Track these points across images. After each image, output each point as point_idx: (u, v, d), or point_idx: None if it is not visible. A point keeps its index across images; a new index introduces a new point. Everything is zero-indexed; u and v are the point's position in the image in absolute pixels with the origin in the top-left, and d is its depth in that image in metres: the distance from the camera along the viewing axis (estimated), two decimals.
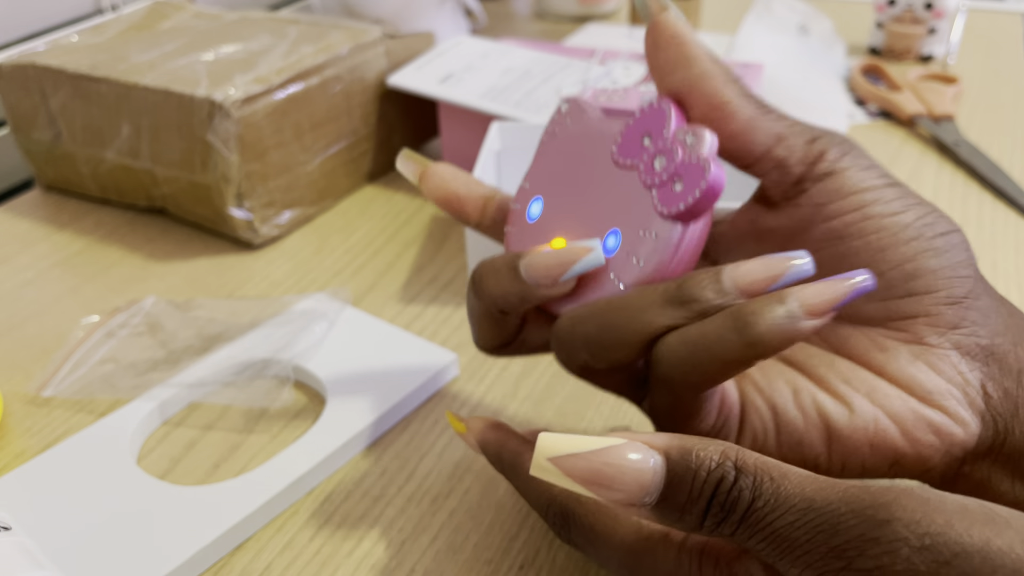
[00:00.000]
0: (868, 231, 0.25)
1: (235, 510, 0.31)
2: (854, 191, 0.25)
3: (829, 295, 0.22)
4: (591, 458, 0.20)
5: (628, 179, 0.25)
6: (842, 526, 0.18)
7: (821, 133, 0.26)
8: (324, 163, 0.52)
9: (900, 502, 0.18)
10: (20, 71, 0.51)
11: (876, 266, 0.25)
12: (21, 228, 0.52)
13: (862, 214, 0.25)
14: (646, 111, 0.25)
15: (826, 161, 0.26)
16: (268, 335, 0.39)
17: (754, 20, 0.71)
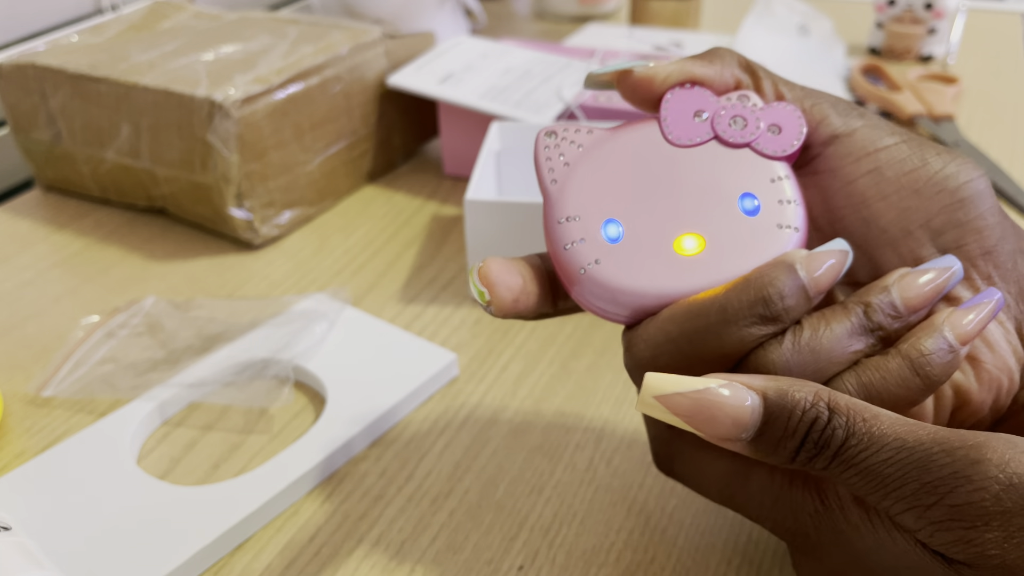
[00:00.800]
0: (889, 192, 0.25)
1: (235, 510, 0.31)
2: (868, 151, 0.25)
3: (979, 323, 0.23)
4: (694, 396, 0.21)
5: (706, 153, 0.25)
6: (934, 464, 0.20)
7: (817, 97, 0.26)
8: (324, 163, 0.52)
9: (990, 444, 0.19)
10: (20, 71, 0.51)
11: (902, 225, 0.25)
12: (21, 228, 0.52)
13: (879, 175, 0.25)
14: (677, 97, 0.25)
15: (829, 124, 0.25)
16: (268, 335, 0.39)
17: (754, 20, 0.71)
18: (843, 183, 0.25)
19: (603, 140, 0.26)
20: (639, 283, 0.24)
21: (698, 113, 0.25)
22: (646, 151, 0.26)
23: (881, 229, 0.25)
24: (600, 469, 0.33)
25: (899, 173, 0.25)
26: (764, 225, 0.24)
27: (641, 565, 0.29)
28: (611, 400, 0.37)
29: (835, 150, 0.25)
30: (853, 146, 0.25)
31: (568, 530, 0.31)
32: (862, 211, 0.25)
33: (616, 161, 0.26)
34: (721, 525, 0.31)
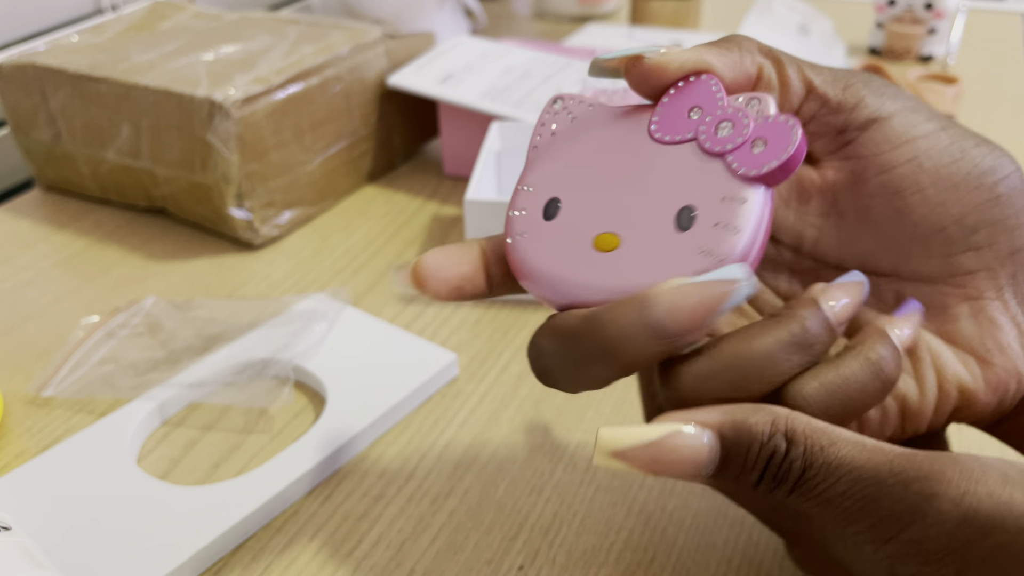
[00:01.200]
0: (924, 184, 0.24)
1: (235, 510, 0.31)
2: (905, 140, 0.24)
3: (913, 327, 0.23)
4: (650, 448, 0.21)
5: (679, 153, 0.23)
6: (889, 498, 0.19)
7: (851, 78, 0.24)
8: (324, 163, 0.52)
9: (946, 475, 0.19)
10: (20, 71, 0.51)
11: (936, 220, 0.24)
12: (21, 228, 0.52)
13: (917, 165, 0.24)
14: (682, 88, 0.24)
15: (866, 107, 0.24)
16: (268, 335, 0.39)
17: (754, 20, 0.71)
18: (878, 171, 0.24)
19: (595, 117, 0.25)
20: (543, 265, 0.23)
21: (694, 109, 0.23)
22: (626, 138, 0.24)
23: (913, 223, 0.24)
24: (600, 469, 0.33)
25: (938, 164, 0.24)
26: (686, 245, 0.22)
27: (641, 565, 0.29)
28: (611, 400, 0.37)
29: (871, 136, 0.24)
30: (891, 132, 0.24)
31: (568, 530, 0.31)
32: (895, 202, 0.24)
33: (595, 142, 0.25)
34: (721, 525, 0.31)
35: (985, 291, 0.24)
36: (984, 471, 0.19)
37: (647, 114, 0.24)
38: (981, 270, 0.24)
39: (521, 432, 0.35)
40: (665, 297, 0.20)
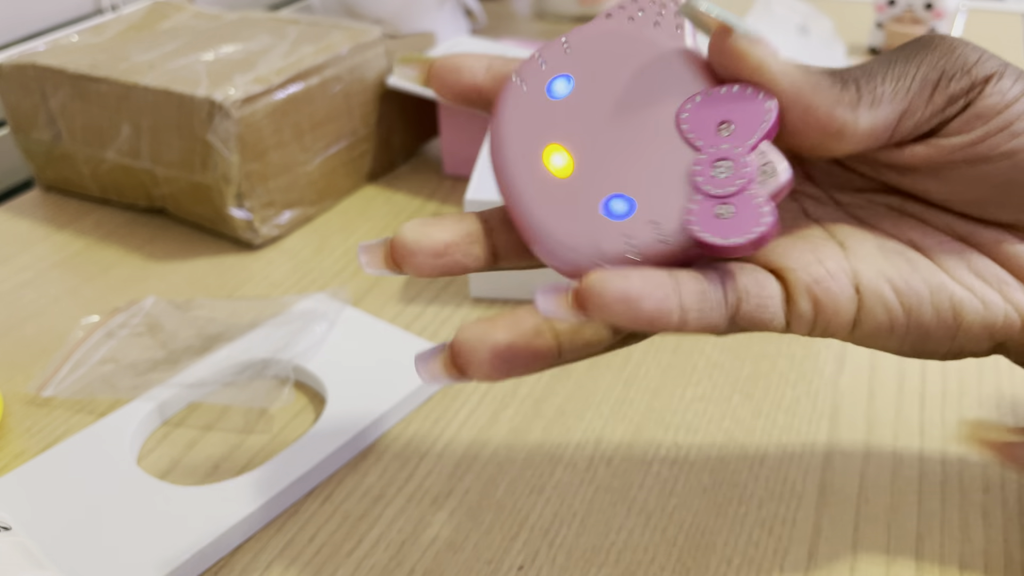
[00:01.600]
0: (1016, 148, 0.23)
1: (235, 510, 0.31)
2: (997, 110, 0.23)
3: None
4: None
5: (679, 152, 0.21)
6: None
7: (933, 78, 0.23)
8: (324, 163, 0.52)
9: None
10: (20, 71, 0.51)
11: (1020, 179, 0.23)
12: (21, 228, 0.52)
13: (1010, 132, 0.23)
14: (740, 95, 0.21)
15: (956, 103, 0.23)
16: (268, 335, 0.39)
17: (754, 20, 0.71)
18: (967, 145, 0.23)
19: (666, 43, 0.22)
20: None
21: (725, 125, 0.21)
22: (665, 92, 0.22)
23: (995, 185, 0.23)
24: (600, 469, 0.33)
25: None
26: (623, 226, 0.21)
27: (641, 565, 0.29)
28: (611, 400, 0.37)
29: (967, 120, 0.23)
30: (983, 109, 0.23)
31: (568, 530, 0.31)
32: (981, 167, 0.23)
33: (642, 66, 0.22)
34: (721, 525, 0.31)
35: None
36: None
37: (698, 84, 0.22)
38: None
39: (521, 432, 0.35)
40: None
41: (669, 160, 0.22)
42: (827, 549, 0.30)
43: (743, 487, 0.32)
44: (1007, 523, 0.30)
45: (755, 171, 0.20)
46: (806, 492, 0.32)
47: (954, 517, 0.31)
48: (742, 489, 0.32)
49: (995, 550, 0.29)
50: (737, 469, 0.33)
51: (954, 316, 0.24)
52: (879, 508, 0.31)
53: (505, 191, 0.23)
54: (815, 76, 0.22)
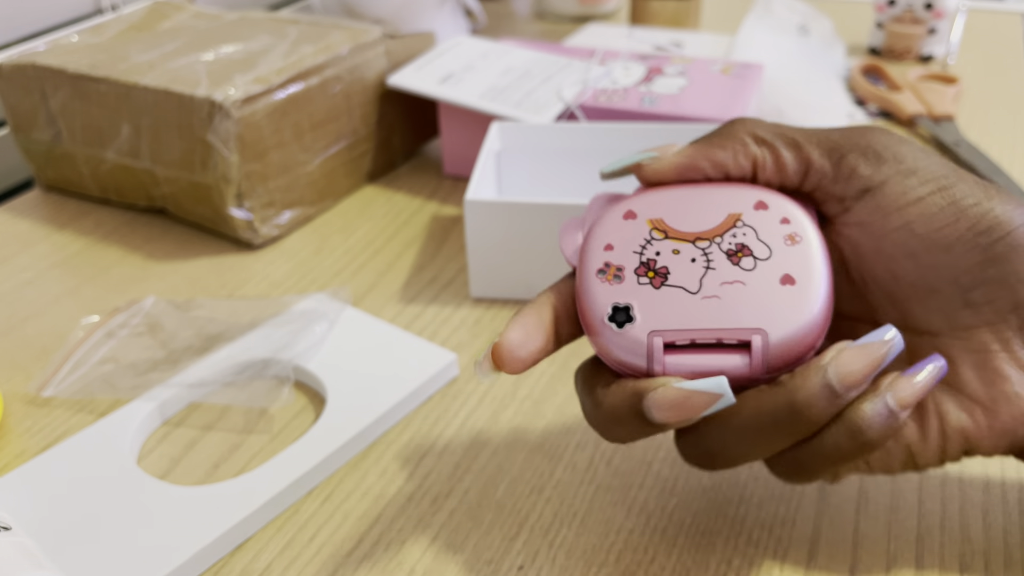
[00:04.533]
0: (916, 249, 0.24)
1: (235, 510, 0.31)
2: (899, 206, 0.24)
3: (921, 389, 0.23)
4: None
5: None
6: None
7: (846, 148, 0.25)
8: (324, 163, 0.52)
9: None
10: (20, 71, 0.51)
11: (930, 282, 0.24)
12: (21, 228, 0.52)
13: (908, 232, 0.24)
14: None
15: (859, 178, 0.25)
16: (268, 335, 0.39)
17: (754, 20, 0.71)
18: (872, 238, 0.25)
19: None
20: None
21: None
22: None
23: (909, 284, 0.25)
24: (600, 469, 0.33)
25: (929, 230, 0.24)
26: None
27: (641, 565, 0.29)
28: None
29: (864, 205, 0.25)
30: (883, 200, 0.25)
31: (568, 530, 0.31)
32: (890, 266, 0.25)
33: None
34: (721, 525, 0.31)
35: (989, 344, 0.25)
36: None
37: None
38: (982, 325, 0.25)
39: (521, 432, 0.35)
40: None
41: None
42: (827, 549, 0.30)
43: (743, 487, 0.32)
44: (1007, 523, 0.30)
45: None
46: (806, 492, 0.32)
47: (954, 517, 0.31)
48: (742, 489, 0.32)
49: (995, 550, 0.29)
50: (737, 469, 0.33)
51: (902, 448, 0.26)
52: (879, 508, 0.31)
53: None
54: (714, 137, 0.26)
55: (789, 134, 0.26)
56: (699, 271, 0.25)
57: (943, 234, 0.24)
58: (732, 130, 0.26)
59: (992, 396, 0.25)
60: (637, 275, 0.25)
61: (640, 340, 0.24)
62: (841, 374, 0.23)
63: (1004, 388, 0.24)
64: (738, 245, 0.25)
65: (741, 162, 0.26)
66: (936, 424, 0.25)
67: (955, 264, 0.24)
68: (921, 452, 0.25)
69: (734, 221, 0.25)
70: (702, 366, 0.24)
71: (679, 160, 0.26)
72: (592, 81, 0.55)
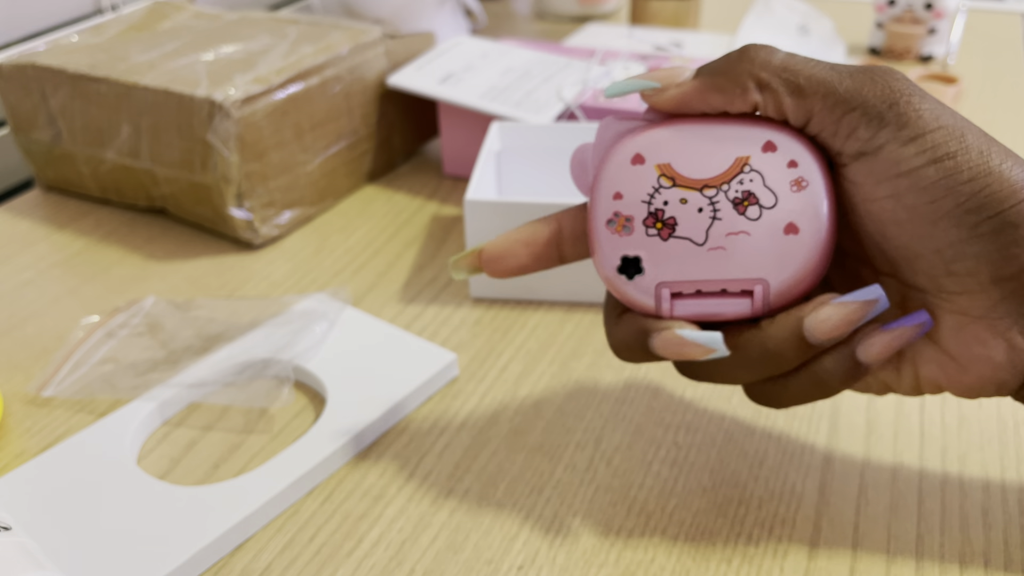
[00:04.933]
0: (902, 219, 0.24)
1: (235, 510, 0.31)
2: (891, 175, 0.24)
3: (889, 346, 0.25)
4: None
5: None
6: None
7: (854, 104, 0.24)
8: (324, 163, 0.52)
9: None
10: (20, 71, 0.51)
11: (915, 248, 0.25)
12: (21, 228, 0.52)
13: (896, 201, 0.24)
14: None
15: (858, 140, 0.24)
16: (268, 335, 0.39)
17: (754, 20, 0.71)
18: (862, 200, 0.25)
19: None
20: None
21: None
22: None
23: (896, 247, 0.25)
24: (600, 469, 0.33)
25: (917, 202, 0.24)
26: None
27: (641, 565, 0.29)
28: (611, 400, 0.37)
29: (859, 166, 0.25)
30: (876, 166, 0.24)
31: (568, 530, 0.31)
32: (880, 227, 0.25)
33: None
34: (721, 525, 0.31)
35: (969, 310, 0.25)
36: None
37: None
38: (964, 292, 0.25)
39: (521, 432, 0.35)
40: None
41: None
42: (827, 549, 0.30)
43: (743, 487, 0.32)
44: (1007, 523, 0.30)
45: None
46: (806, 492, 0.32)
47: (954, 517, 0.31)
48: (742, 489, 0.32)
49: (995, 550, 0.29)
50: (737, 469, 0.33)
51: (879, 382, 0.28)
52: (879, 508, 0.31)
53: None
54: (721, 69, 0.25)
55: (794, 79, 0.25)
56: (706, 221, 0.25)
57: (930, 208, 0.24)
58: (737, 69, 0.25)
59: (967, 357, 0.26)
60: (646, 226, 0.26)
61: (648, 290, 0.26)
62: (816, 328, 0.25)
63: (978, 351, 0.25)
64: (744, 193, 0.25)
65: (739, 106, 0.25)
66: (910, 371, 0.27)
67: (939, 237, 0.24)
68: (895, 386, 0.28)
69: (741, 165, 0.25)
70: (707, 311, 0.26)
71: (678, 97, 0.26)
72: (592, 81, 0.55)
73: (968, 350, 0.26)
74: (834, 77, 0.25)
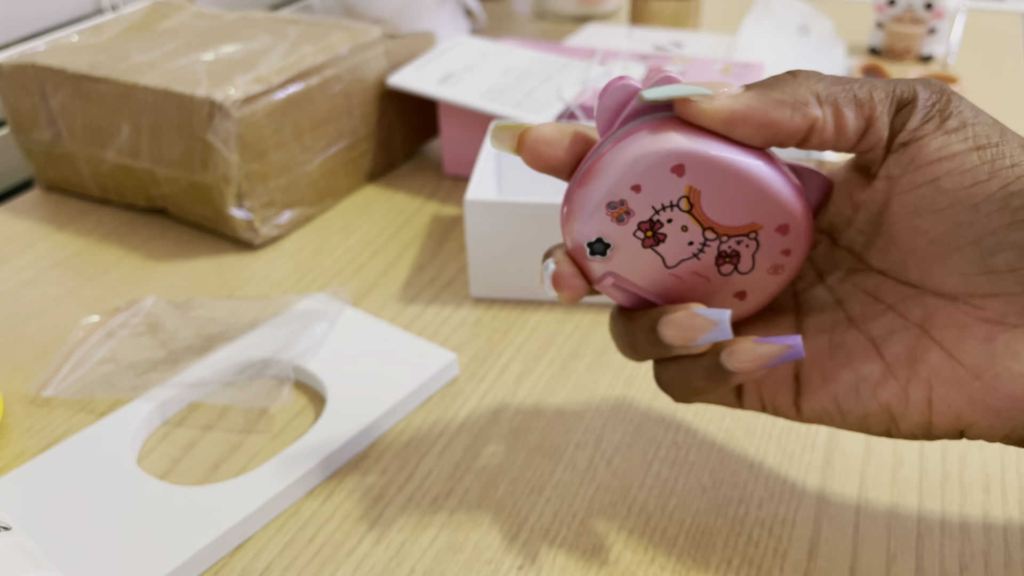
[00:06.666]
0: (942, 204, 0.23)
1: (235, 510, 0.31)
2: (929, 160, 0.23)
3: (757, 362, 0.25)
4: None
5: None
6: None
7: (906, 100, 0.24)
8: (324, 163, 0.52)
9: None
10: (20, 71, 0.51)
11: (952, 240, 0.23)
12: (21, 228, 0.52)
13: (936, 186, 0.23)
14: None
15: (907, 130, 0.24)
16: (268, 335, 0.39)
17: (754, 20, 0.71)
18: (898, 192, 0.24)
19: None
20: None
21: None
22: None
23: (930, 241, 0.24)
24: (600, 469, 0.33)
25: (958, 186, 0.23)
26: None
27: (641, 565, 0.29)
28: (611, 400, 0.37)
29: (900, 156, 0.24)
30: (918, 152, 0.23)
31: (568, 530, 0.31)
32: (914, 220, 0.24)
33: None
34: (721, 525, 0.31)
35: (1006, 315, 0.23)
36: None
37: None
38: (1001, 295, 0.23)
39: (521, 432, 0.35)
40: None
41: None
42: (827, 549, 0.30)
43: (743, 487, 0.32)
44: (1007, 523, 0.30)
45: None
46: (806, 492, 0.32)
47: (954, 517, 0.31)
48: (742, 489, 0.32)
49: (995, 550, 0.29)
50: (737, 469, 0.33)
51: (881, 406, 0.26)
52: (879, 508, 0.31)
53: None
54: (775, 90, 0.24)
55: (851, 91, 0.24)
56: (686, 254, 0.26)
57: (972, 192, 0.23)
58: (794, 86, 0.24)
59: (995, 372, 0.23)
60: (639, 227, 0.25)
61: (597, 272, 0.26)
62: (663, 323, 0.25)
63: (1010, 365, 0.23)
64: (733, 252, 0.25)
65: (798, 123, 0.24)
66: (922, 393, 0.25)
67: (980, 224, 0.23)
68: (903, 418, 0.25)
69: (750, 231, 0.25)
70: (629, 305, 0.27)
71: (730, 109, 0.24)
72: (592, 81, 0.55)
73: (997, 364, 0.23)
74: (882, 84, 0.24)
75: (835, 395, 0.26)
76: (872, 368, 0.26)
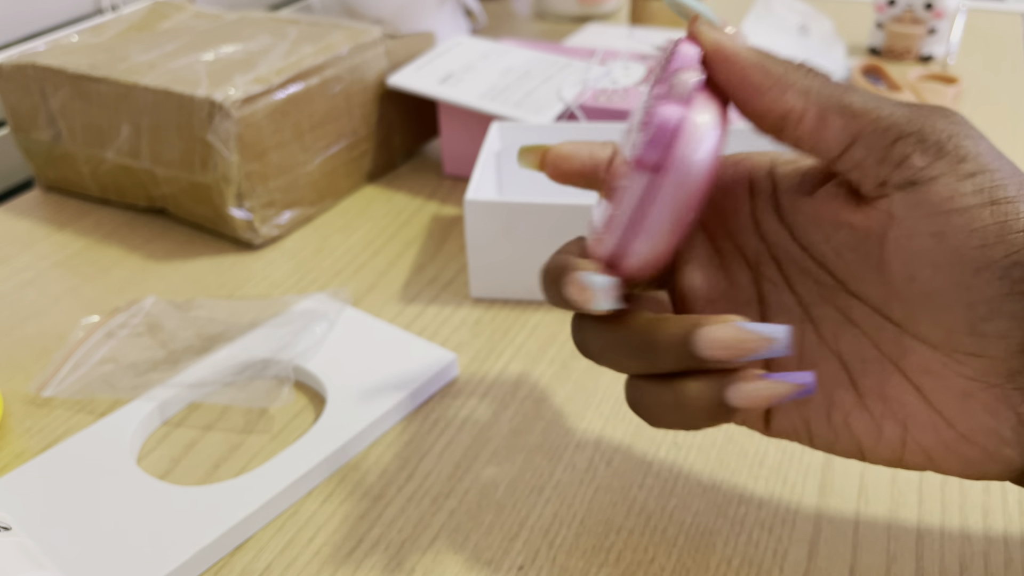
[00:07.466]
0: (942, 261, 0.22)
1: (235, 510, 0.31)
2: (937, 212, 0.22)
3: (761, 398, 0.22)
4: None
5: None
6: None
7: (909, 131, 0.22)
8: (324, 163, 0.52)
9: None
10: (20, 71, 0.51)
11: (946, 299, 0.22)
12: (21, 228, 0.52)
13: (940, 239, 0.22)
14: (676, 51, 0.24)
15: (910, 168, 0.22)
16: (268, 335, 0.39)
17: (754, 20, 0.71)
18: (899, 235, 0.22)
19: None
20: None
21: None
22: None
23: (924, 293, 0.22)
24: (600, 469, 0.33)
25: (965, 245, 0.21)
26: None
27: (641, 565, 0.29)
28: (611, 400, 0.37)
29: (904, 197, 0.22)
30: (927, 198, 0.22)
31: (568, 530, 0.31)
32: (911, 268, 0.22)
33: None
34: (721, 525, 0.31)
35: (986, 375, 0.22)
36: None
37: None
38: (986, 356, 0.22)
39: (521, 432, 0.35)
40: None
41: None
42: (827, 549, 0.30)
43: (743, 487, 0.32)
44: (1007, 523, 0.30)
45: (668, 88, 0.22)
46: (806, 492, 0.32)
47: (954, 517, 0.31)
48: (742, 489, 0.32)
49: (995, 550, 0.29)
50: (737, 469, 0.33)
51: (851, 437, 0.25)
52: (879, 508, 0.31)
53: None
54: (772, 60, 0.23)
55: (846, 99, 0.23)
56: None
57: (976, 254, 0.21)
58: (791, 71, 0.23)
59: (971, 427, 0.23)
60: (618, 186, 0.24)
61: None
62: (704, 338, 0.22)
63: (984, 421, 0.23)
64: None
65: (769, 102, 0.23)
66: (896, 433, 0.24)
67: (978, 289, 0.21)
68: (872, 451, 0.25)
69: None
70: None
71: (720, 43, 0.23)
72: (592, 81, 0.55)
73: (973, 419, 0.23)
74: (887, 104, 0.23)
75: (806, 417, 0.26)
76: (845, 396, 0.25)
